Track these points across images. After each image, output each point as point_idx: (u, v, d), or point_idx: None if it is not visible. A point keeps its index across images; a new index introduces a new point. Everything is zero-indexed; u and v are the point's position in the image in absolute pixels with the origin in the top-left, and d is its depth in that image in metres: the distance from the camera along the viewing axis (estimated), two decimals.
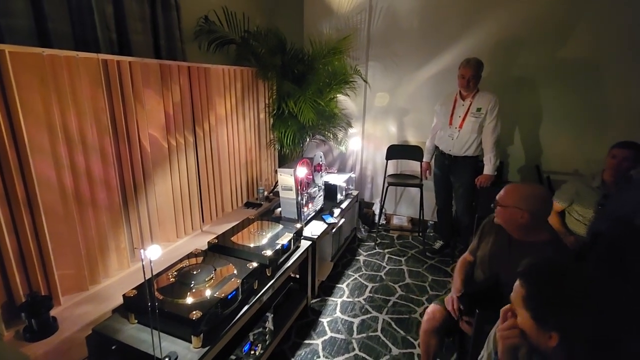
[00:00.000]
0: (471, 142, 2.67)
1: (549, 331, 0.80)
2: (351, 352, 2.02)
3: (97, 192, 1.60)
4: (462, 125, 2.66)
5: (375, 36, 3.42)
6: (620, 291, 1.24)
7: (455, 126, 2.71)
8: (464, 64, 2.59)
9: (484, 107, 2.59)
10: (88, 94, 1.52)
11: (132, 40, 1.97)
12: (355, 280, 2.75)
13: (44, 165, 1.37)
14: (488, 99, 2.59)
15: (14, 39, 1.44)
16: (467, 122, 2.65)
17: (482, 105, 2.60)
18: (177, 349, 1.30)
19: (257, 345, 1.77)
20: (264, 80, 2.92)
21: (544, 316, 0.81)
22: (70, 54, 1.43)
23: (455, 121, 2.70)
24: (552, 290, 0.81)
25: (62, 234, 1.47)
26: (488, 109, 2.58)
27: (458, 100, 2.72)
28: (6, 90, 1.22)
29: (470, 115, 2.64)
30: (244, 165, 2.81)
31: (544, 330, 0.81)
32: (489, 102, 2.58)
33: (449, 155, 2.80)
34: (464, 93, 2.69)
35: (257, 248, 1.84)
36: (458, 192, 2.86)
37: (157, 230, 1.99)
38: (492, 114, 2.58)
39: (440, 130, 2.86)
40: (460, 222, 2.95)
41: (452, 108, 2.74)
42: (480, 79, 2.61)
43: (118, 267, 1.76)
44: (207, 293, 1.43)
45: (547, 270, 0.86)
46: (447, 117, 2.75)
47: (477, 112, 2.61)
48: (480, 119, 2.61)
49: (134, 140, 1.77)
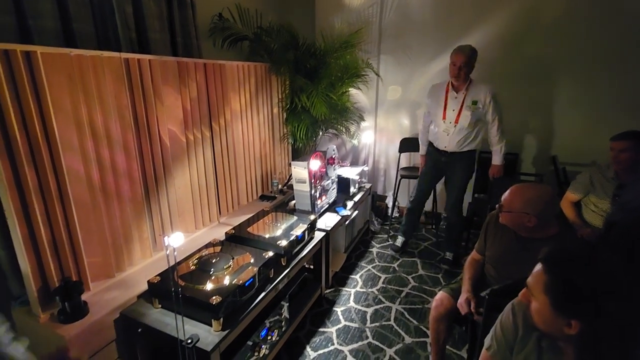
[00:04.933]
0: (469, 137, 2.54)
1: (568, 318, 0.77)
2: (365, 340, 2.07)
3: (121, 185, 1.69)
4: (458, 120, 2.50)
5: (387, 29, 3.42)
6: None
7: (450, 121, 2.53)
8: (455, 51, 2.41)
9: (480, 99, 2.44)
10: (112, 92, 1.60)
11: (151, 39, 2.04)
12: (369, 271, 2.79)
13: (74, 160, 1.46)
14: (483, 91, 2.43)
15: (43, 40, 1.52)
16: (463, 117, 2.48)
17: (478, 98, 2.44)
18: (198, 332, 1.38)
19: (273, 332, 1.84)
20: (277, 76, 2.96)
21: (566, 303, 0.78)
22: (95, 54, 1.51)
23: (450, 116, 2.53)
24: (578, 278, 0.77)
25: (90, 224, 1.56)
26: (485, 102, 2.44)
27: (450, 92, 2.54)
28: (39, 90, 1.31)
29: (466, 109, 2.47)
30: (258, 159, 2.88)
31: (563, 318, 0.78)
32: (485, 94, 2.43)
33: (445, 151, 2.64)
34: (455, 84, 2.51)
35: (273, 238, 1.90)
36: (453, 186, 2.71)
37: (177, 221, 2.08)
38: (492, 109, 2.45)
39: (433, 125, 2.70)
40: (449, 216, 2.82)
41: (444, 101, 2.56)
42: (473, 68, 2.44)
43: (141, 255, 1.86)
44: (225, 280, 1.50)
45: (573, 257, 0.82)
46: (439, 110, 2.58)
47: (472, 105, 2.46)
48: (477, 113, 2.47)
49: (155, 135, 1.85)
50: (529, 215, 1.35)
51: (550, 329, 0.83)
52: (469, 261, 1.70)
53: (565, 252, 0.84)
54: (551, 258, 0.84)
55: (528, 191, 1.39)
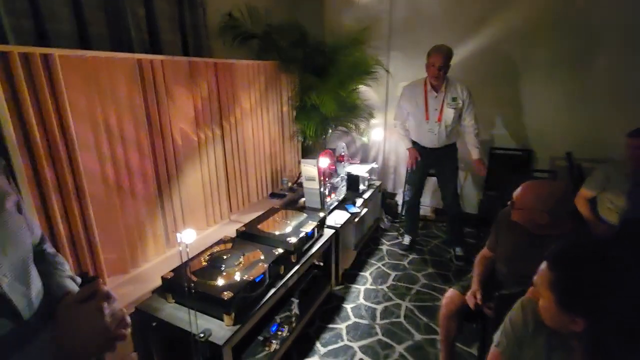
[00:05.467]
0: (453, 132, 2.69)
1: (574, 316, 0.77)
2: (374, 336, 2.08)
3: (135, 183, 1.73)
4: (441, 118, 2.61)
5: (397, 25, 3.39)
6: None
7: (433, 120, 2.63)
8: (434, 51, 2.50)
9: (458, 96, 2.57)
10: (126, 92, 1.64)
11: (162, 40, 2.07)
12: (379, 268, 2.79)
13: (90, 159, 1.51)
14: (460, 88, 2.57)
15: (59, 43, 1.56)
16: (446, 114, 2.60)
17: (457, 94, 2.57)
18: (211, 327, 1.41)
19: (283, 327, 1.87)
20: (286, 74, 2.98)
21: (570, 301, 0.78)
22: (110, 55, 1.55)
23: (433, 115, 2.63)
24: (581, 275, 0.77)
25: (106, 221, 1.61)
26: (464, 99, 2.57)
27: (429, 92, 2.63)
28: (56, 91, 1.35)
29: (447, 107, 2.59)
30: (268, 157, 2.90)
31: (568, 315, 0.78)
32: (462, 91, 2.56)
33: (432, 148, 2.74)
34: (434, 83, 2.59)
35: (283, 235, 1.93)
36: (446, 179, 2.80)
37: (189, 218, 2.12)
38: (469, 107, 2.59)
39: (415, 125, 2.77)
40: (450, 209, 2.85)
41: (424, 101, 2.64)
42: (449, 67, 2.54)
43: (155, 252, 1.90)
44: (236, 276, 1.53)
45: (577, 255, 0.82)
46: (420, 111, 2.67)
47: (453, 102, 2.57)
48: (457, 109, 2.59)
49: (167, 134, 1.89)
50: (542, 212, 1.33)
51: (558, 325, 0.83)
52: (479, 258, 1.69)
53: (570, 249, 0.84)
54: (556, 255, 0.83)
55: (540, 188, 1.38)
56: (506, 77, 3.09)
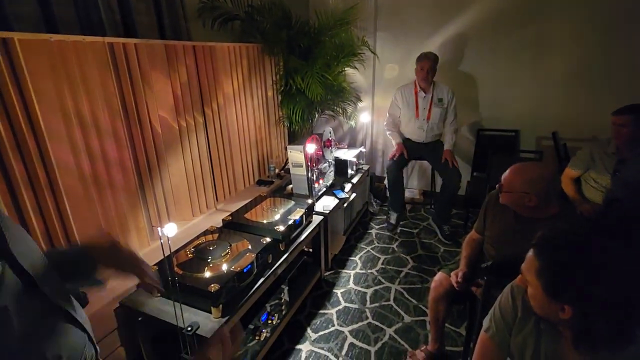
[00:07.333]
0: (440, 128, 3.03)
1: (561, 303, 0.77)
2: (364, 320, 2.10)
3: (113, 174, 1.66)
4: (430, 116, 2.94)
5: (384, 5, 3.30)
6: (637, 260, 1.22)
7: (423, 118, 2.97)
8: (423, 57, 2.82)
9: (444, 97, 2.91)
10: (97, 79, 1.54)
11: (137, 22, 1.95)
12: (368, 252, 2.80)
13: (62, 150, 1.42)
14: (446, 90, 2.91)
15: (22, 27, 1.44)
16: (434, 113, 2.94)
17: (442, 96, 2.92)
18: (198, 320, 1.38)
19: (273, 315, 1.86)
20: (270, 56, 2.88)
21: (557, 288, 0.78)
22: (77, 39, 1.45)
23: (422, 114, 2.96)
24: (567, 262, 0.77)
25: (84, 215, 1.54)
26: (448, 100, 2.91)
27: (419, 93, 2.95)
28: (19, 78, 1.26)
29: (435, 106, 2.93)
30: (254, 143, 2.83)
31: (555, 302, 0.78)
32: (447, 93, 2.91)
33: (422, 142, 3.07)
34: (423, 85, 2.91)
35: (270, 224, 1.89)
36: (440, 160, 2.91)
37: (174, 209, 2.06)
38: (452, 108, 2.93)
39: (406, 122, 3.06)
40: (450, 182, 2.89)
41: (414, 101, 2.96)
42: (436, 71, 2.84)
43: (139, 245, 1.85)
44: (224, 267, 1.50)
45: (562, 242, 0.81)
46: (410, 110, 2.99)
47: (439, 103, 2.92)
48: (443, 109, 2.94)
49: (145, 123, 1.81)
50: (530, 195, 1.33)
51: (546, 313, 0.83)
52: (467, 240, 1.70)
53: (555, 236, 0.83)
54: (541, 243, 0.83)
55: (528, 171, 1.37)
56: (493, 58, 3.06)
